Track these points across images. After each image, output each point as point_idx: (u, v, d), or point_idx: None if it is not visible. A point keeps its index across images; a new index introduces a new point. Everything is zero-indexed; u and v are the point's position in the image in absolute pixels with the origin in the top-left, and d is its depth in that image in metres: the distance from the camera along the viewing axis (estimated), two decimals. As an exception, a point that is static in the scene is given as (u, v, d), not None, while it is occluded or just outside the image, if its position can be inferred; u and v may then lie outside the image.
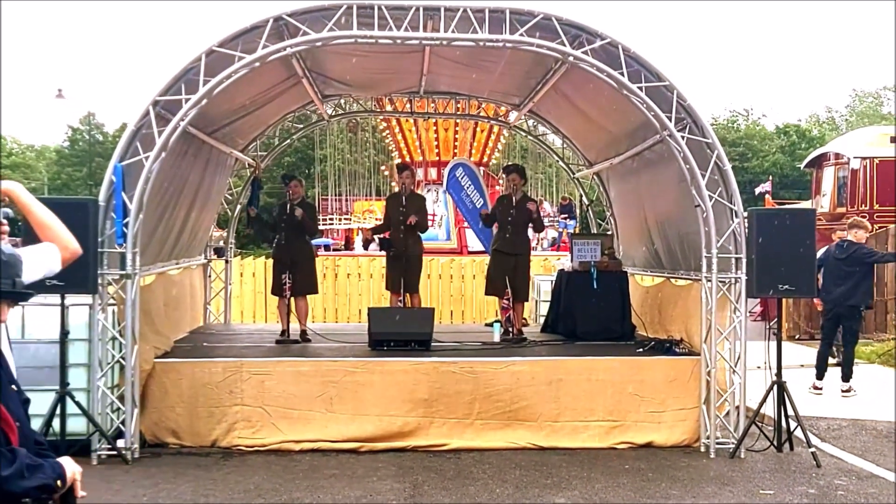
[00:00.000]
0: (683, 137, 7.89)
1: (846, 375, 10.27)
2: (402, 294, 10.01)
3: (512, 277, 9.94)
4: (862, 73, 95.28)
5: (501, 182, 12.89)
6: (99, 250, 7.25)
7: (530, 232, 10.44)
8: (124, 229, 7.34)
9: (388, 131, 23.01)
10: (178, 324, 9.85)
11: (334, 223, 30.22)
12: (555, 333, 10.41)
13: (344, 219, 30.48)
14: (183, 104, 7.50)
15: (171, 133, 7.52)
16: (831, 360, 10.65)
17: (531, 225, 10.08)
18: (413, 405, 8.01)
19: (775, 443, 7.91)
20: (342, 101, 12.28)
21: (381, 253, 11.36)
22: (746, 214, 7.91)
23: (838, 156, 18.97)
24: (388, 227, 10.32)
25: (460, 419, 8.04)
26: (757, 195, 24.43)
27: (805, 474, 7.19)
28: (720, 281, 7.97)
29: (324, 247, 23.98)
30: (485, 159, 22.41)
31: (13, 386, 2.70)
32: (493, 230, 10.45)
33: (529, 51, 7.93)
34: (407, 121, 20.71)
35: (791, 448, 7.86)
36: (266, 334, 10.18)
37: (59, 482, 2.60)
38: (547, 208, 27.87)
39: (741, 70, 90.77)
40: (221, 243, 12.45)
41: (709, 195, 7.87)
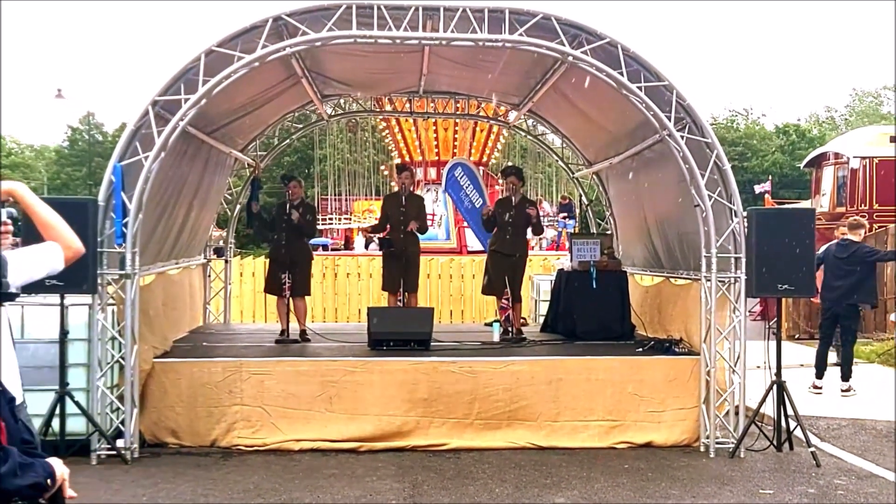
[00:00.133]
0: (683, 137, 7.89)
1: (845, 375, 10.27)
2: (402, 294, 10.02)
3: (511, 278, 9.97)
4: (862, 73, 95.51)
5: (501, 182, 12.88)
6: (98, 250, 7.25)
7: (529, 233, 10.46)
8: (124, 229, 7.34)
9: (388, 131, 22.98)
10: (178, 324, 9.84)
11: (334, 223, 30.20)
12: (554, 333, 10.42)
13: (344, 218, 30.47)
14: (182, 104, 7.50)
15: (171, 133, 7.52)
16: (831, 360, 10.66)
17: (530, 228, 10.11)
18: (412, 405, 8.01)
19: (775, 442, 7.91)
20: (342, 101, 12.28)
21: (381, 253, 11.36)
22: (746, 214, 7.91)
23: (838, 155, 18.97)
24: (385, 227, 10.32)
25: (460, 419, 8.04)
26: (756, 195, 24.44)
27: (805, 474, 7.19)
28: (720, 280, 7.97)
29: (322, 247, 23.94)
30: (484, 159, 22.38)
31: None
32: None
33: (529, 51, 7.93)
34: (406, 120, 20.69)
35: (791, 448, 7.86)
36: (265, 334, 10.18)
37: (50, 481, 2.58)
38: (546, 208, 27.84)
39: (741, 70, 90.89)
40: (221, 243, 12.46)
41: (708, 195, 7.87)
